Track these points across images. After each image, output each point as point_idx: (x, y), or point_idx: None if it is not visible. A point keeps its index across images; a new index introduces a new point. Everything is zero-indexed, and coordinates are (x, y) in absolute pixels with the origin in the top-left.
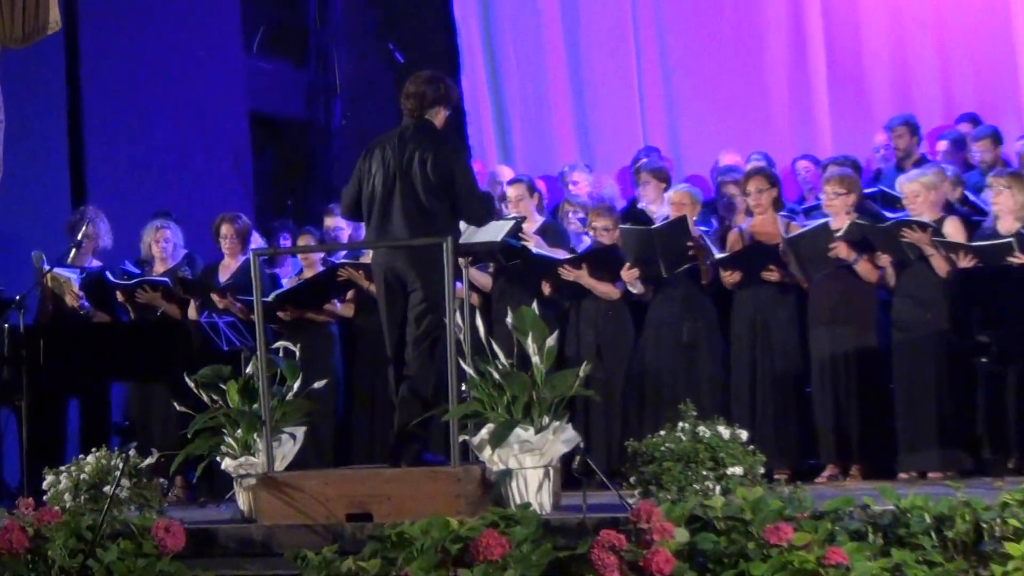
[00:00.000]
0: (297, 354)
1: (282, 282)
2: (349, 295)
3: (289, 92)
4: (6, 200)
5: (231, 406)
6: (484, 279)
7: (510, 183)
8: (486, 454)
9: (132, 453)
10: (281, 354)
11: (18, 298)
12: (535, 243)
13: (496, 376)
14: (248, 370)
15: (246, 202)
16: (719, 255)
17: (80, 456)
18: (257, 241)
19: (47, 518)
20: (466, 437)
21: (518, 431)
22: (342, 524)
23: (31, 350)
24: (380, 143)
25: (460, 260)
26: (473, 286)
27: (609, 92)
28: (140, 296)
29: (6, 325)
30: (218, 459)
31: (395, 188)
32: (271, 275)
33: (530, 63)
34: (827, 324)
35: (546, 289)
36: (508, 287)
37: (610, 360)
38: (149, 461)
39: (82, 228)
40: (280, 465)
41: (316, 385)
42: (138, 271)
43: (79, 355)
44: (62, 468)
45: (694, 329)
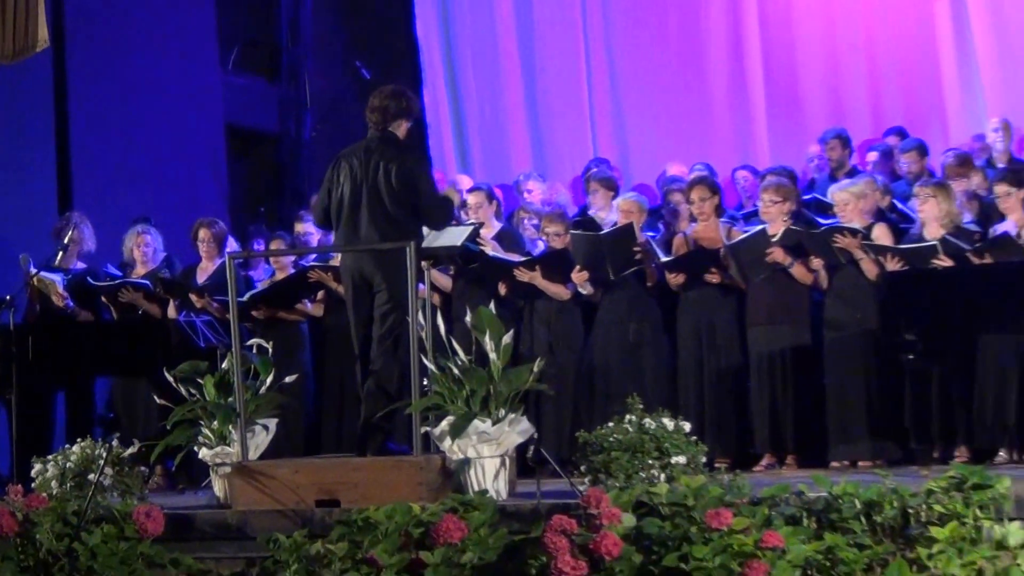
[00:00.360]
0: (270, 351)
1: (256, 283)
2: (318, 296)
3: (263, 106)
4: None
5: (208, 399)
6: (445, 280)
7: (470, 191)
8: (446, 444)
9: (115, 443)
10: (255, 351)
11: (8, 298)
12: (492, 247)
13: (456, 371)
14: (224, 366)
15: (222, 208)
16: (664, 259)
17: (66, 446)
18: (233, 245)
19: (35, 504)
20: (427, 428)
21: (476, 423)
22: (312, 509)
23: (20, 347)
24: (347, 154)
25: (422, 263)
26: (434, 287)
27: (561, 106)
28: (122, 296)
29: None
30: (195, 449)
31: (361, 196)
32: (246, 277)
33: (487, 79)
34: (765, 324)
35: (502, 290)
36: (467, 288)
37: (562, 356)
38: (131, 451)
39: (68, 233)
40: (254, 454)
41: (287, 380)
42: (120, 273)
43: (65, 352)
44: (49, 457)
45: (640, 328)
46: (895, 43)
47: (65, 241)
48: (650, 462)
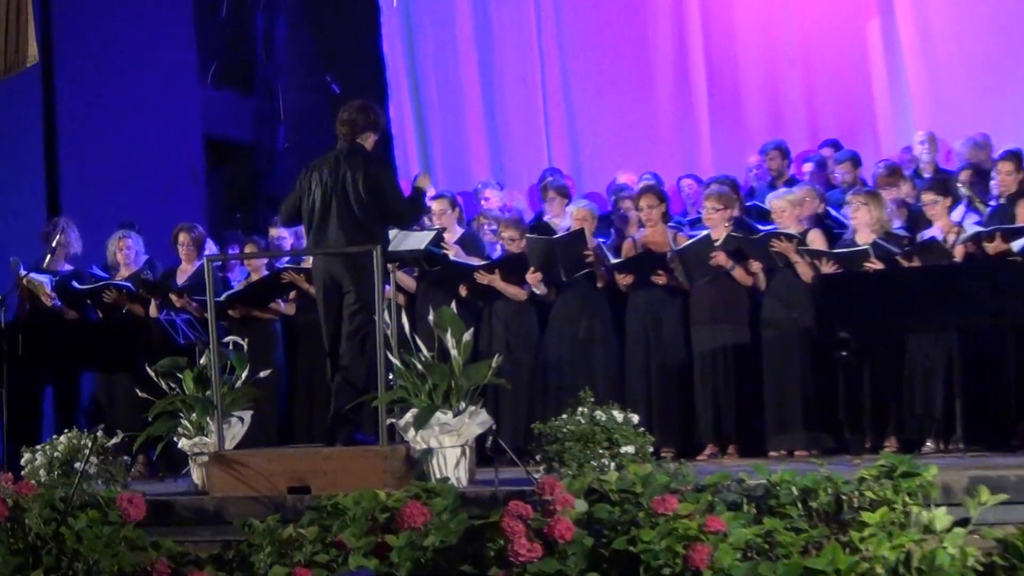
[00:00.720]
0: (245, 347)
1: (232, 284)
2: (291, 296)
3: (239, 118)
4: None
5: (187, 393)
6: (409, 282)
7: (433, 198)
8: (410, 435)
9: (99, 434)
10: (231, 347)
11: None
12: (454, 251)
13: (419, 367)
14: (202, 361)
15: (200, 214)
16: (614, 261)
17: (54, 436)
18: (211, 248)
19: (24, 491)
20: (393, 420)
21: (438, 415)
22: (284, 496)
23: (11, 344)
24: (318, 164)
25: (388, 265)
26: (400, 288)
27: (518, 118)
28: (106, 297)
29: None
30: (175, 439)
31: (331, 203)
32: (223, 278)
33: (449, 93)
34: (708, 323)
35: (463, 291)
36: (430, 289)
37: (518, 353)
38: (114, 441)
39: (56, 237)
40: (230, 444)
41: (261, 374)
42: (105, 275)
43: (53, 348)
44: (38, 447)
45: (591, 326)
46: (830, 61)
47: (53, 245)
48: (601, 452)
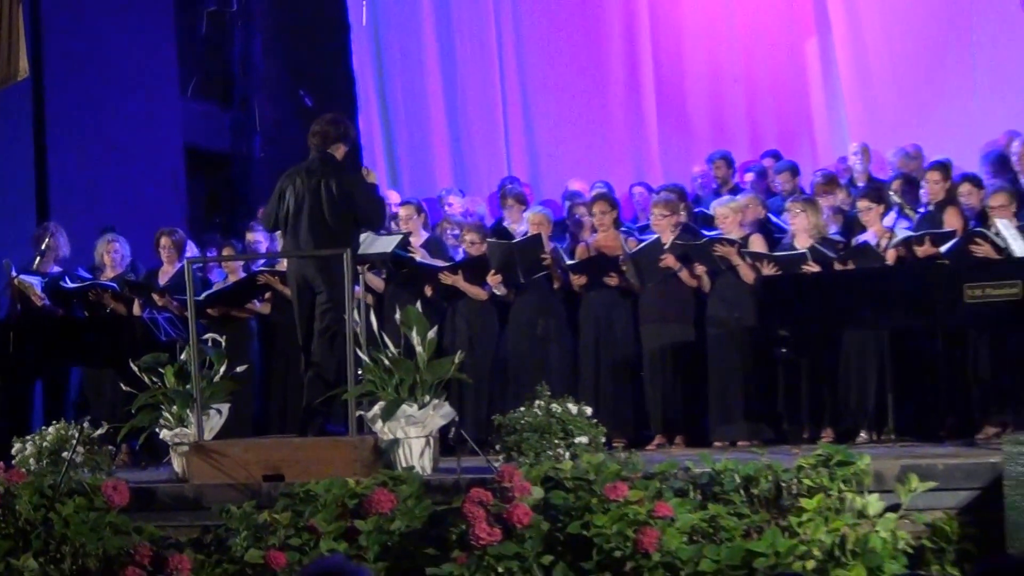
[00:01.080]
0: (223, 344)
1: (211, 285)
2: (266, 296)
3: (217, 129)
4: None
5: (168, 387)
6: (378, 283)
7: (400, 205)
8: (378, 426)
9: (86, 425)
10: (210, 344)
11: None
12: (420, 254)
13: (386, 362)
14: (182, 357)
15: (181, 219)
16: (569, 263)
17: (43, 427)
18: (191, 251)
19: (15, 478)
20: (361, 412)
21: (404, 407)
22: (259, 483)
23: (2, 341)
24: (292, 173)
25: (358, 267)
26: (368, 288)
27: (479, 130)
28: (93, 296)
29: None
30: (157, 430)
31: (304, 210)
32: (202, 279)
33: (415, 106)
34: (656, 321)
35: (428, 291)
36: (397, 290)
37: (479, 349)
38: (100, 432)
39: (45, 240)
40: (208, 435)
41: (238, 369)
42: (91, 276)
43: (43, 345)
44: (28, 437)
45: (547, 324)
46: (771, 77)
47: (43, 248)
48: (556, 442)
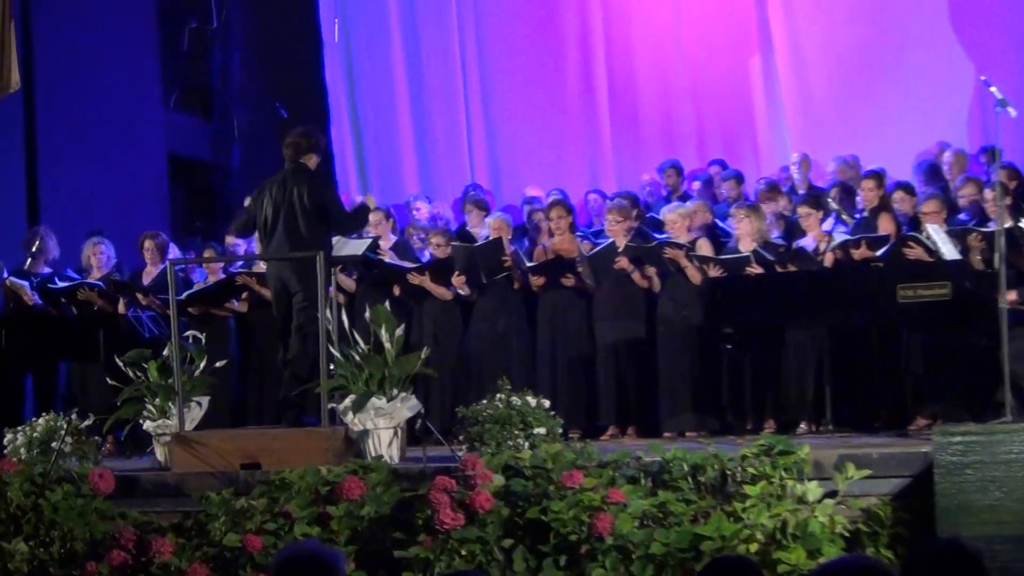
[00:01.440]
0: (203, 341)
1: (192, 285)
2: (243, 296)
3: (198, 139)
4: None
5: (151, 380)
6: (349, 283)
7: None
8: (349, 418)
9: (74, 417)
10: (191, 341)
11: None
12: (389, 256)
13: (357, 358)
14: (165, 353)
15: (164, 223)
16: (529, 265)
17: (33, 419)
18: (173, 253)
19: (6, 467)
20: (334, 405)
21: (373, 400)
22: (237, 472)
23: None
24: (268, 183)
25: (331, 269)
26: (340, 288)
27: (444, 139)
28: (80, 295)
29: None
30: (141, 421)
31: (280, 216)
32: (184, 280)
33: (384, 117)
34: (610, 319)
35: (396, 291)
36: (367, 289)
37: (444, 346)
38: (87, 423)
39: (36, 243)
40: (189, 426)
41: (217, 365)
42: (79, 276)
43: (33, 341)
44: (19, 428)
45: (508, 322)
46: (717, 90)
47: (33, 250)
48: (516, 432)
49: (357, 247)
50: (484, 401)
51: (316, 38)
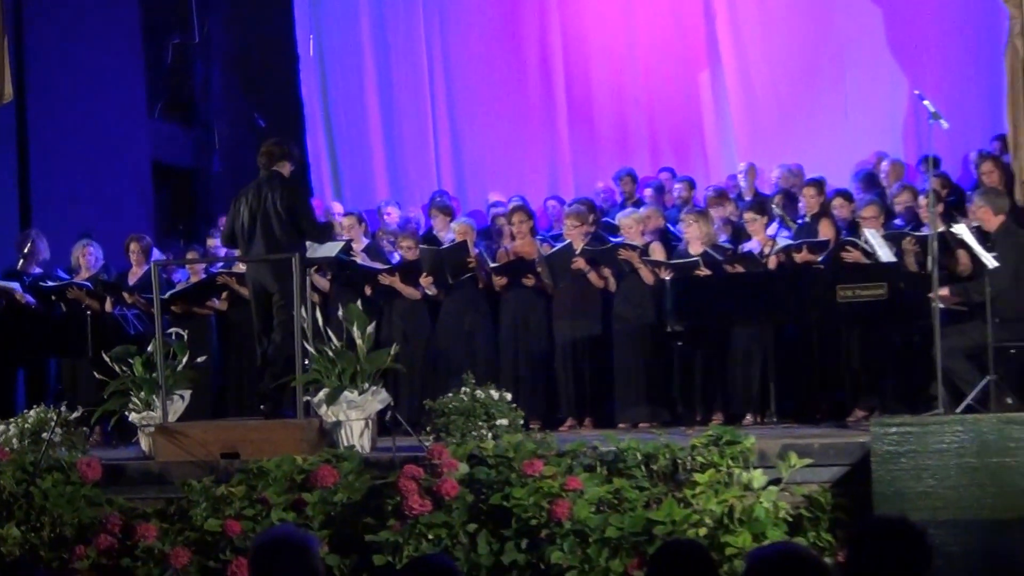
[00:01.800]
0: (185, 337)
1: (175, 285)
2: (224, 295)
3: (181, 147)
4: None
5: (136, 375)
6: (323, 283)
7: (344, 215)
8: (323, 410)
9: (63, 409)
10: (174, 337)
11: None
12: (361, 258)
13: (330, 354)
14: (149, 349)
15: (148, 226)
16: (492, 266)
17: (25, 411)
18: (157, 254)
19: (0, 456)
20: (308, 398)
21: (346, 393)
22: (218, 461)
23: None
24: (245, 191)
25: (306, 269)
26: (315, 288)
27: (413, 148)
28: (70, 294)
29: None
30: (127, 413)
31: (256, 221)
32: (167, 280)
33: (356, 128)
34: (568, 317)
35: (368, 291)
36: (340, 289)
37: (413, 342)
38: (76, 415)
39: (28, 245)
40: (172, 417)
41: (199, 360)
42: (68, 276)
43: (25, 338)
44: (11, 420)
45: (473, 320)
46: (669, 103)
47: (26, 251)
48: (480, 424)
49: (331, 249)
50: (450, 394)
51: (292, 53)
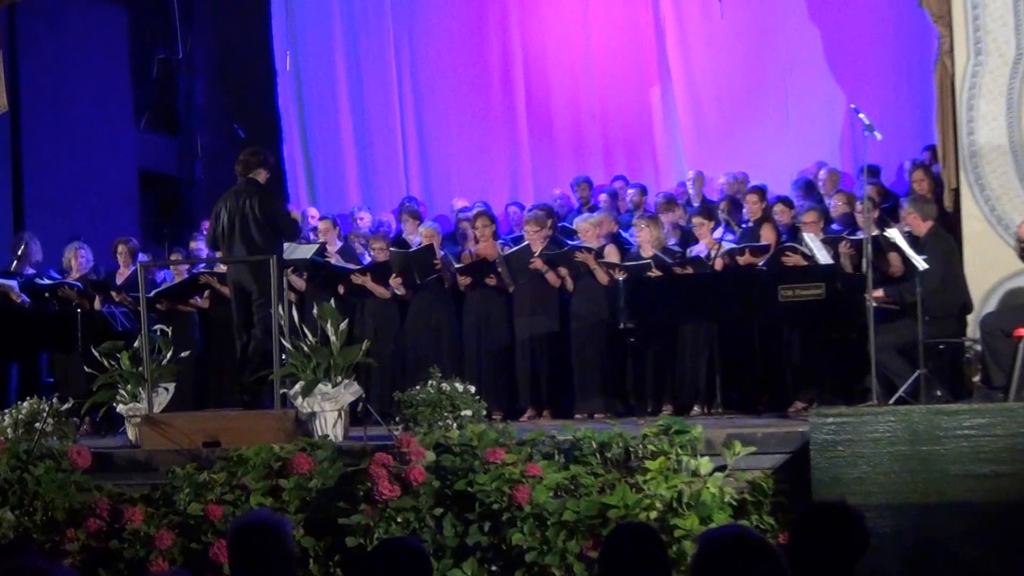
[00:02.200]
0: (169, 333)
1: (160, 284)
2: (206, 294)
3: (166, 155)
4: None
5: (124, 369)
6: (299, 283)
7: (319, 219)
8: (298, 401)
9: (55, 401)
10: (159, 333)
11: None
12: (335, 259)
13: (306, 349)
14: (135, 344)
15: (135, 230)
16: (457, 266)
17: (18, 402)
18: (143, 256)
19: None
20: (285, 390)
21: (320, 386)
22: (200, 449)
23: None
24: (225, 197)
25: (284, 270)
26: (292, 288)
27: (383, 157)
28: (61, 293)
29: None
30: (115, 404)
31: (236, 225)
32: (152, 280)
33: (330, 138)
34: (527, 315)
35: (341, 290)
36: (315, 289)
37: (383, 338)
38: (66, 406)
39: (21, 247)
40: (157, 408)
41: (182, 355)
42: (60, 277)
43: (19, 334)
44: (6, 411)
45: (439, 318)
46: (623, 115)
47: (19, 253)
48: (446, 414)
49: (306, 251)
50: (418, 387)
51: (270, 68)
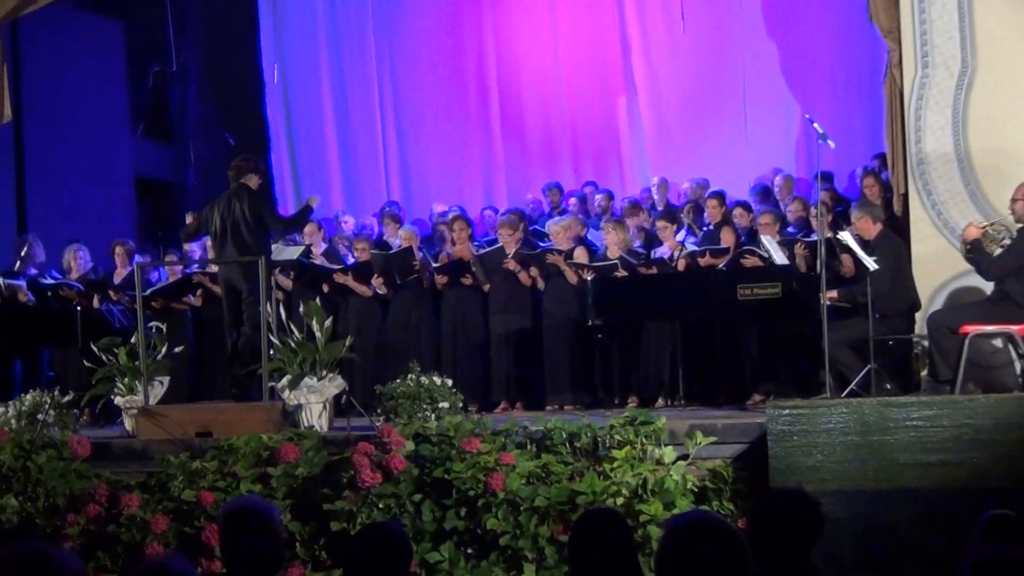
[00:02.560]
0: (164, 330)
1: (155, 283)
2: (199, 293)
3: (161, 163)
4: None
5: (121, 363)
6: (287, 282)
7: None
8: (286, 394)
9: (56, 393)
10: (154, 330)
11: None
12: (320, 260)
13: (293, 345)
14: (132, 340)
15: (132, 233)
16: (435, 266)
17: (22, 395)
18: (139, 257)
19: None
20: (273, 383)
21: (306, 379)
22: (193, 439)
23: None
24: (217, 200)
25: (272, 270)
26: (279, 287)
27: (365, 164)
28: (62, 292)
29: None
30: (112, 397)
31: (227, 227)
32: (148, 279)
33: (315, 146)
34: (501, 312)
35: (325, 289)
36: (302, 288)
37: (365, 335)
38: (67, 398)
39: (24, 249)
40: (153, 400)
41: (176, 350)
42: (60, 277)
43: (22, 329)
44: (9, 403)
45: (418, 315)
46: (591, 124)
47: (22, 254)
48: (425, 406)
49: (293, 253)
50: (398, 380)
51: (259, 79)
